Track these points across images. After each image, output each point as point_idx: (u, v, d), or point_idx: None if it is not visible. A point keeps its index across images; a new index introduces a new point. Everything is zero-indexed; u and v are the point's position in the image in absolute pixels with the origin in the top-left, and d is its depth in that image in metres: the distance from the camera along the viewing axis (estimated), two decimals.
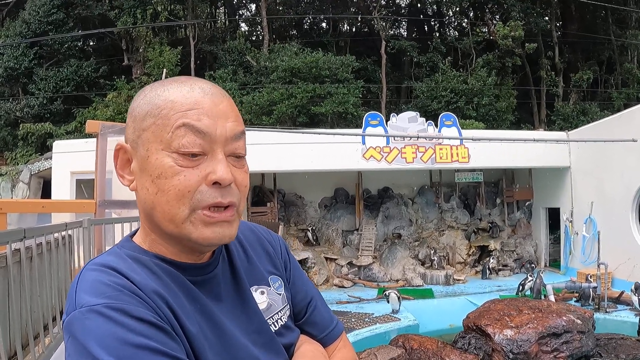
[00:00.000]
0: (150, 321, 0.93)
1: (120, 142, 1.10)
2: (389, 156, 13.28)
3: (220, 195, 1.02)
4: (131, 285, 0.97)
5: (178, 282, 1.06)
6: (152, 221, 1.08)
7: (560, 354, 6.73)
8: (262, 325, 1.19)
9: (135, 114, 1.07)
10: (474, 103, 22.18)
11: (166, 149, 1.01)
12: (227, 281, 1.18)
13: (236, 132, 1.07)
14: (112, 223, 5.88)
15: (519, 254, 16.11)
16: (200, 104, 1.03)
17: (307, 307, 1.35)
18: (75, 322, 0.92)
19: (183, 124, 1.01)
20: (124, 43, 24.47)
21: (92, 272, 1.00)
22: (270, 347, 1.17)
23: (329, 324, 1.36)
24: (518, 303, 7.99)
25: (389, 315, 10.69)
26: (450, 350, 6.95)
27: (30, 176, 17.32)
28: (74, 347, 0.91)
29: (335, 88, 20.45)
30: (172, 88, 1.05)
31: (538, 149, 13.94)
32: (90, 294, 0.94)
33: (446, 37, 28.79)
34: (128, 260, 1.05)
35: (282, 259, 1.37)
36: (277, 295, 1.27)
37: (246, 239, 1.32)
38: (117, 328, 0.89)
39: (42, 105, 22.73)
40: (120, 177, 1.11)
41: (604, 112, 23.20)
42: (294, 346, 1.25)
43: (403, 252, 15.18)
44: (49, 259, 3.55)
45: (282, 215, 15.41)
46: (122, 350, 0.88)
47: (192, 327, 1.02)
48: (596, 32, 26.72)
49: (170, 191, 1.01)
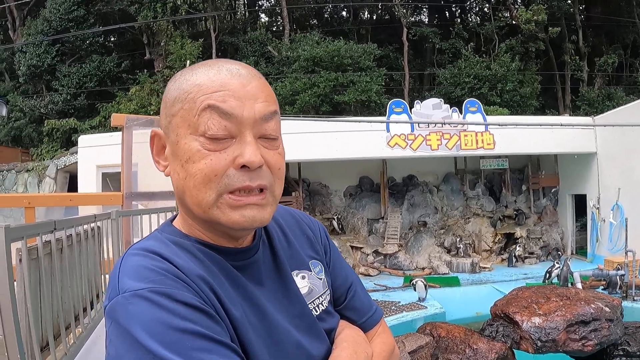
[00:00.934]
0: (195, 305, 0.92)
1: (155, 129, 1.10)
2: (413, 143, 13.21)
3: (249, 178, 1.00)
4: (175, 269, 0.97)
5: (221, 266, 1.06)
6: (184, 206, 1.07)
7: (589, 342, 6.63)
8: (304, 310, 1.18)
9: (166, 100, 1.07)
10: (497, 89, 21.94)
11: (194, 133, 1.00)
12: (269, 266, 1.17)
13: (265, 113, 1.03)
14: (140, 214, 5.91)
15: (545, 242, 15.96)
16: (227, 86, 1.01)
17: (347, 292, 1.34)
18: (118, 307, 0.91)
19: (208, 105, 0.99)
20: (145, 37, 24.59)
21: (135, 257, 0.99)
22: (311, 331, 1.16)
23: (369, 310, 1.35)
24: (546, 290, 7.89)
25: (416, 304, 10.66)
26: (478, 338, 6.90)
27: (56, 171, 17.53)
28: (117, 332, 0.90)
29: (357, 76, 20.37)
30: (200, 72, 1.04)
31: (564, 134, 13.76)
32: (134, 279, 0.93)
33: (468, 22, 28.50)
34: (170, 244, 1.04)
35: (322, 243, 1.36)
36: (318, 279, 1.26)
37: (286, 223, 1.31)
38: (162, 312, 0.89)
39: (66, 101, 22.98)
40: (156, 163, 1.11)
41: (630, 96, 22.81)
42: (335, 331, 1.24)
43: (429, 240, 15.12)
44: (79, 251, 3.58)
45: (307, 205, 15.43)
46: (167, 335, 0.87)
47: (236, 311, 1.01)
48: (620, 15, 26.21)
49: (197, 175, 0.99)
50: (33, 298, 2.74)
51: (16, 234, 2.51)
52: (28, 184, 18.52)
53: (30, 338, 2.64)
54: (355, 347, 1.20)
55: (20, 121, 24.02)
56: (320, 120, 13.63)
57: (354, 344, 1.21)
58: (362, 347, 1.21)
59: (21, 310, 2.59)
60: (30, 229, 2.81)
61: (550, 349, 6.54)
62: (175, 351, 0.86)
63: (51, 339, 2.92)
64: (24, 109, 23.55)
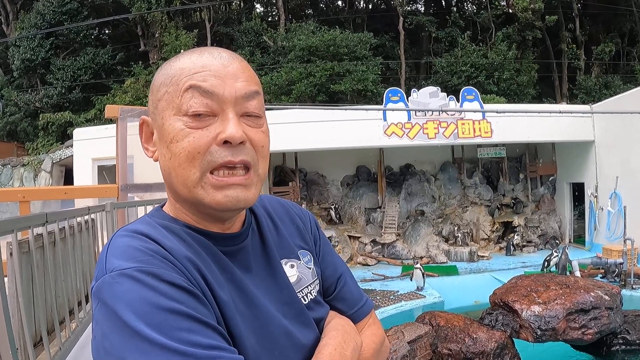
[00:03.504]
0: (182, 286, 0.92)
1: (144, 116, 1.12)
2: (410, 132, 13.16)
3: (231, 154, 1.01)
4: (163, 250, 0.97)
5: (209, 250, 1.05)
6: (171, 189, 1.08)
7: (588, 330, 6.62)
8: (293, 298, 1.18)
9: (152, 87, 1.09)
10: (494, 77, 21.94)
11: (177, 114, 1.01)
12: (258, 253, 1.17)
13: (247, 91, 1.05)
14: (135, 206, 5.87)
15: (543, 230, 15.95)
16: (208, 67, 1.03)
17: (336, 283, 1.33)
18: (104, 286, 0.90)
19: (190, 86, 1.01)
20: (139, 29, 24.49)
21: (123, 238, 0.99)
22: (300, 319, 1.16)
23: (359, 301, 1.34)
24: (545, 279, 7.88)
25: (414, 293, 10.67)
26: (478, 327, 6.88)
27: (52, 165, 17.49)
28: (103, 312, 0.89)
29: (353, 65, 20.36)
30: (184, 57, 1.07)
31: (562, 122, 13.74)
32: (121, 259, 0.93)
33: (464, 11, 28.47)
34: (159, 227, 1.04)
35: (312, 234, 1.36)
36: (307, 269, 1.26)
37: (276, 212, 1.31)
38: (148, 291, 0.88)
39: (60, 94, 22.94)
40: (145, 149, 1.13)
41: (627, 85, 22.81)
42: (324, 321, 1.23)
43: (426, 229, 15.10)
44: (73, 244, 3.53)
45: (305, 195, 15.41)
46: (152, 314, 0.86)
47: (224, 294, 1.01)
48: (617, 3, 26.11)
49: (181, 154, 1.00)
50: (25, 293, 2.70)
51: (6, 227, 2.47)
52: (24, 179, 18.49)
53: (22, 334, 2.60)
54: (344, 336, 1.19)
55: (15, 115, 23.97)
56: (317, 109, 13.60)
57: (343, 333, 1.20)
58: (351, 337, 1.20)
59: (13, 306, 2.55)
60: (20, 221, 2.77)
61: (550, 337, 6.53)
62: (160, 331, 0.85)
63: (45, 334, 2.88)
64: (18, 103, 23.49)
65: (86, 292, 3.84)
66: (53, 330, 3.06)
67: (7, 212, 16.06)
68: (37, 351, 2.79)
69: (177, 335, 0.85)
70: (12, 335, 2.33)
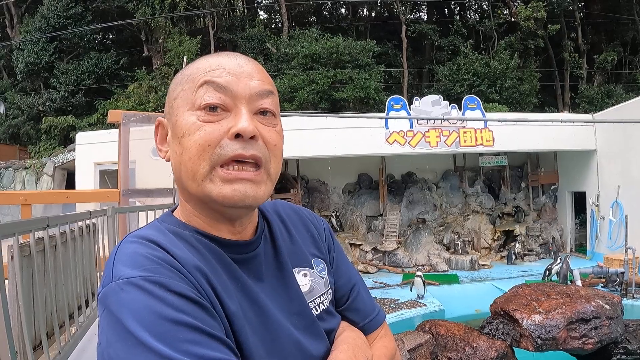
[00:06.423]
0: (190, 297, 0.90)
1: (160, 118, 1.13)
2: (412, 140, 13.17)
3: (242, 147, 1.00)
4: (171, 259, 0.95)
5: (219, 258, 1.04)
6: (181, 186, 1.08)
7: (589, 339, 6.59)
8: (304, 308, 1.15)
9: (169, 90, 1.10)
10: (496, 86, 21.94)
11: (191, 109, 1.02)
12: (270, 261, 1.15)
13: (261, 89, 1.06)
14: (137, 211, 5.87)
15: (545, 239, 15.93)
16: (223, 65, 1.04)
17: (349, 293, 1.30)
18: (110, 294, 0.89)
19: (205, 81, 1.02)
20: (143, 34, 24.52)
21: (131, 245, 0.98)
22: (311, 330, 1.13)
23: (371, 312, 1.31)
24: (546, 288, 7.86)
25: (415, 301, 10.65)
26: (478, 336, 6.86)
27: (54, 168, 17.48)
28: (108, 320, 0.88)
29: (356, 73, 20.37)
30: (200, 59, 1.09)
31: (563, 131, 13.74)
32: (129, 266, 0.92)
33: (467, 19, 28.49)
34: (169, 234, 1.03)
35: (326, 242, 1.34)
36: (320, 278, 1.24)
37: (289, 219, 1.29)
38: (154, 302, 0.86)
39: (63, 98, 22.94)
40: (158, 151, 1.13)
41: (630, 94, 22.80)
42: (335, 332, 1.21)
43: (427, 237, 15.09)
44: (74, 248, 3.53)
45: (306, 202, 15.41)
46: (158, 325, 0.85)
47: (233, 305, 0.99)
48: (619, 12, 26.16)
49: (192, 147, 1.00)
50: (25, 296, 2.70)
51: (7, 230, 2.47)
52: (26, 182, 18.48)
53: (22, 337, 2.60)
54: (354, 349, 1.16)
55: (18, 119, 23.96)
56: (319, 116, 13.58)
57: (354, 346, 1.17)
58: (362, 350, 1.17)
59: (13, 309, 2.55)
60: (22, 225, 2.76)
61: (551, 346, 6.51)
62: (165, 342, 0.84)
63: (44, 338, 2.88)
64: (21, 107, 23.49)
65: (86, 297, 3.84)
66: (53, 334, 3.05)
67: (8, 214, 16.06)
68: (37, 355, 2.78)
69: (181, 347, 0.84)
70: (11, 338, 2.33)
